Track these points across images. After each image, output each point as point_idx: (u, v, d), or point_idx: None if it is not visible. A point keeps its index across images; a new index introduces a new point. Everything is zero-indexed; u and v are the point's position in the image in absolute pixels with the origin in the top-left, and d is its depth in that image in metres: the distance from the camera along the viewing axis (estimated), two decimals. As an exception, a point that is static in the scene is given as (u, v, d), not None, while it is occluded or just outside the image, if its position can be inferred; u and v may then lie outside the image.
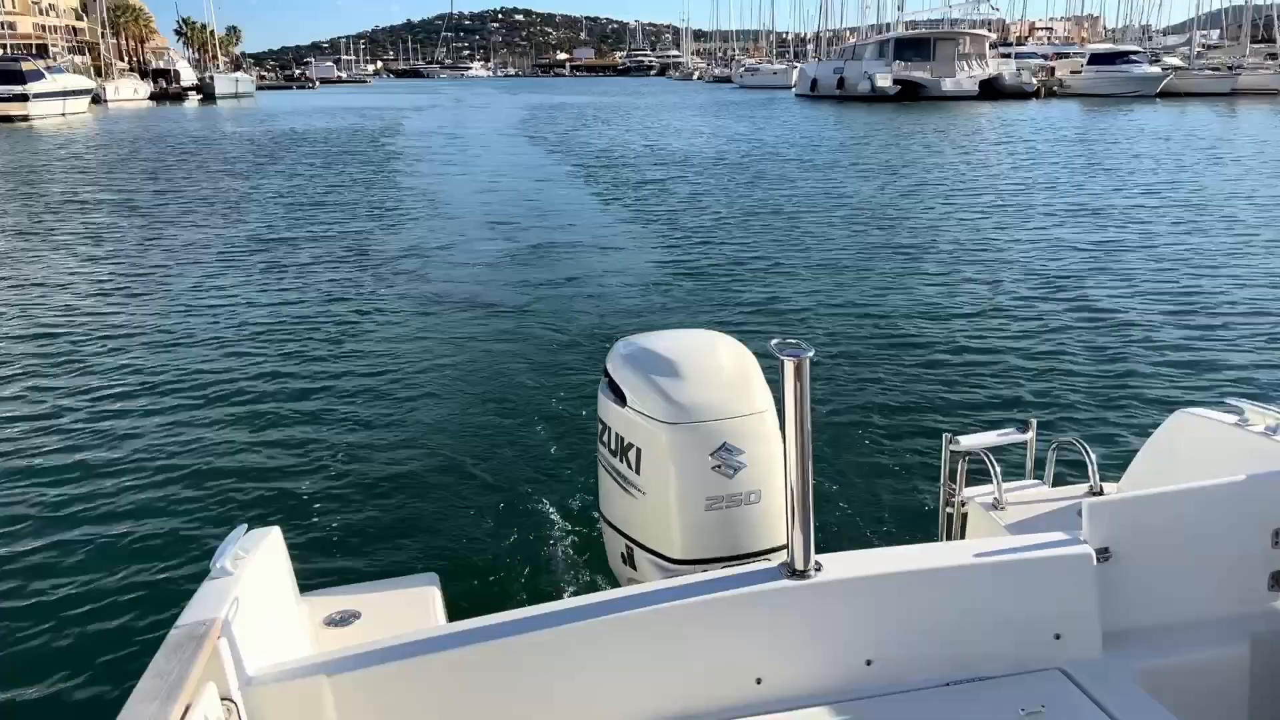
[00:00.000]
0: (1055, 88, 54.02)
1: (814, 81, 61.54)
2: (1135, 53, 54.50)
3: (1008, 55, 60.46)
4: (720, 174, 21.46)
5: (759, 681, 1.96)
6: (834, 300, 9.73)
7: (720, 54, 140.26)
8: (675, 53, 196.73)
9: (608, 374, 2.84)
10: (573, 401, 6.55)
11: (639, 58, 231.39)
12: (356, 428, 6.38)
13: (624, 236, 13.87)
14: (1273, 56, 54.00)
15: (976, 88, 51.11)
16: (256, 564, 1.95)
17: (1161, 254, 11.62)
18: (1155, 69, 50.74)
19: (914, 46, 54.16)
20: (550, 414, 6.47)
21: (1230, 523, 2.23)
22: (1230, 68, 51.81)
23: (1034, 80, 53.42)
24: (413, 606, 2.41)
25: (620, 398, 2.74)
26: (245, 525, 2.05)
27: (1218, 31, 67.84)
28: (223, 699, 1.67)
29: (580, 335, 8.47)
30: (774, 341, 1.88)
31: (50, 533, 4.94)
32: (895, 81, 51.24)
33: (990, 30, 63.62)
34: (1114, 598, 2.13)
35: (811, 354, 1.86)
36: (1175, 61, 55.50)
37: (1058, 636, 2.07)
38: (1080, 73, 53.41)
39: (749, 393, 2.66)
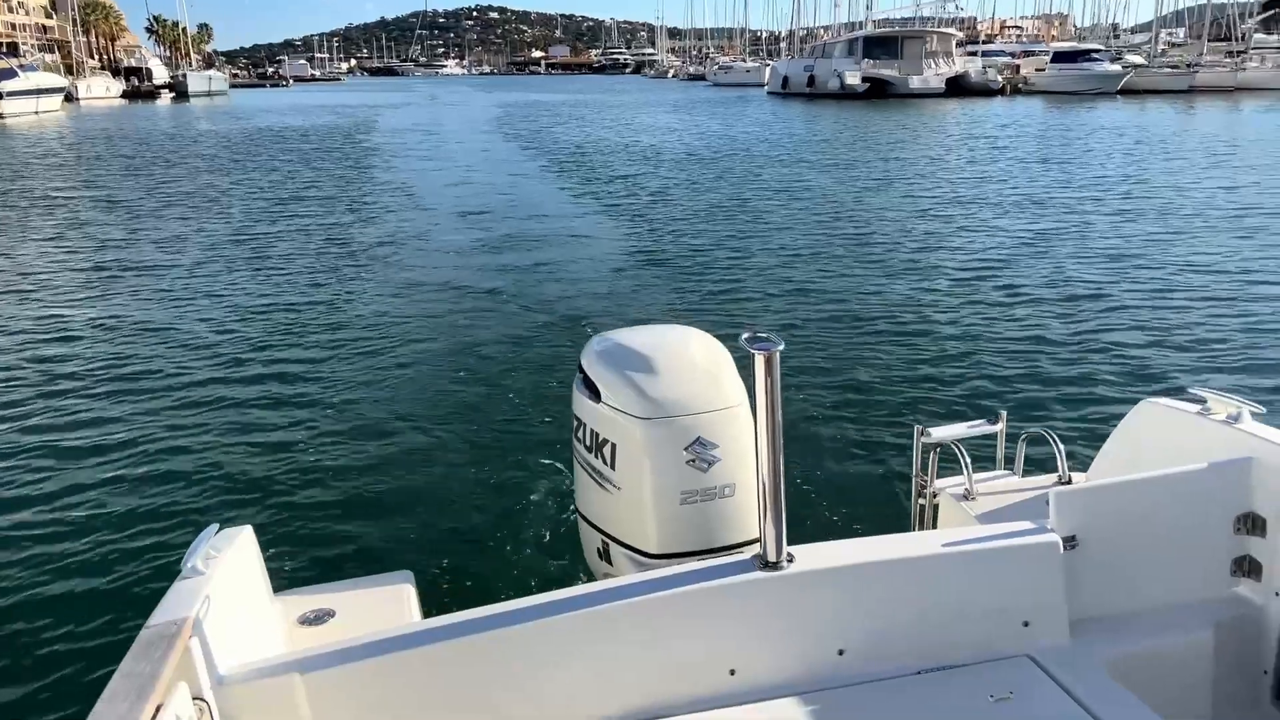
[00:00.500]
0: (1020, 85, 55.18)
1: (785, 79, 62.36)
2: (1097, 51, 55.73)
3: (974, 53, 61.60)
4: (692, 170, 21.84)
5: (733, 673, 1.98)
6: (805, 294, 9.85)
7: (695, 52, 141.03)
8: (650, 51, 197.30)
9: (582, 370, 2.85)
10: (547, 397, 6.57)
11: (614, 56, 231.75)
12: (330, 426, 6.34)
13: (597, 232, 14.01)
14: (1231, 54, 55.43)
15: (943, 85, 52.14)
16: (228, 563, 1.94)
17: (1123, 248, 11.83)
18: (1115, 67, 51.94)
19: (882, 45, 55.14)
20: (525, 410, 6.50)
21: (1193, 510, 2.27)
22: (1188, 66, 53.15)
23: (999, 78, 54.53)
24: (387, 604, 2.40)
25: (595, 393, 2.75)
26: (217, 525, 2.05)
27: (1183, 30, 69.26)
28: (195, 699, 1.68)
29: (555, 331, 8.49)
30: (745, 335, 1.91)
31: (18, 533, 4.88)
32: (864, 79, 52.16)
33: (959, 29, 64.75)
34: (1081, 586, 2.16)
35: (781, 347, 1.88)
36: (1137, 60, 56.79)
37: (1026, 624, 2.11)
38: (1044, 70, 54.58)
39: (722, 387, 2.68)
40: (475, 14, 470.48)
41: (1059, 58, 54.55)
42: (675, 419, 2.60)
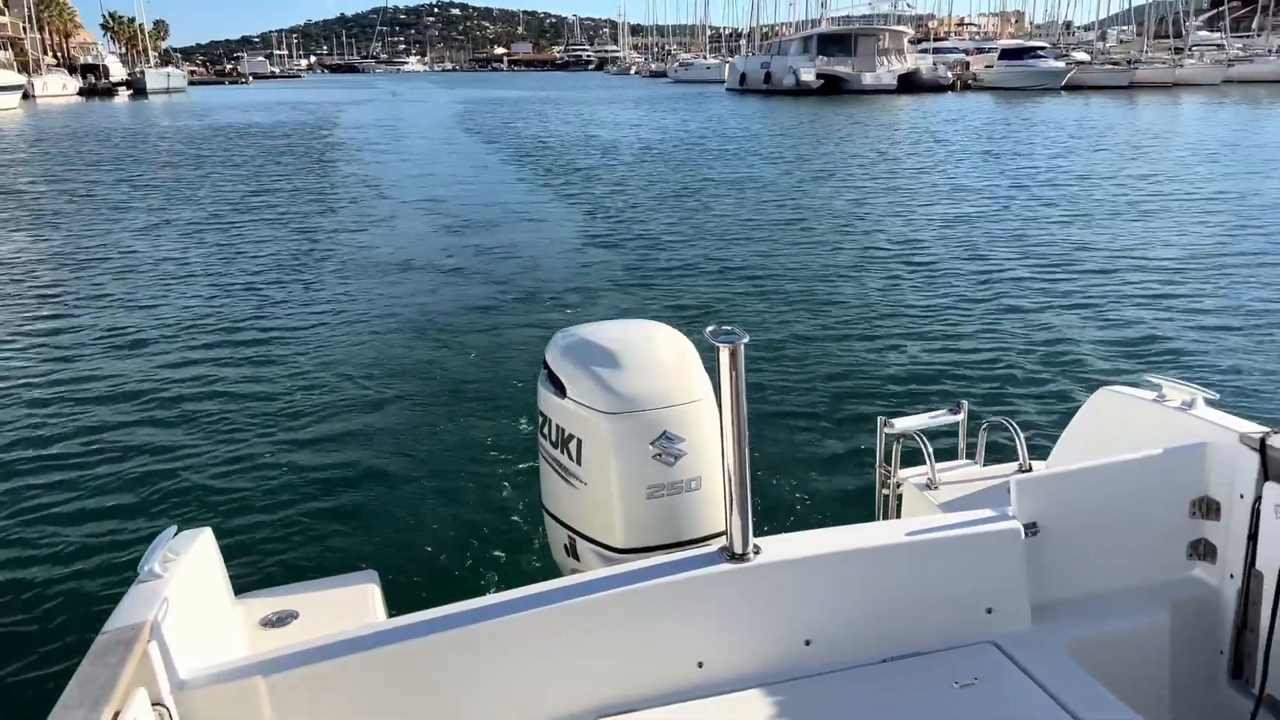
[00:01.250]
0: (970, 81, 56.86)
1: (743, 76, 63.56)
2: (1041, 48, 57.62)
3: (926, 50, 63.23)
4: (652, 164, 22.27)
5: (701, 665, 2.00)
6: (769, 287, 9.92)
7: (656, 49, 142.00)
8: (614, 47, 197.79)
9: (547, 365, 2.85)
10: (512, 394, 6.57)
11: (577, 52, 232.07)
12: (290, 425, 6.27)
13: (562, 227, 14.05)
14: (1176, 51, 57.57)
15: (895, 81, 53.62)
16: (187, 566, 1.91)
17: (1079, 241, 12.05)
18: (1059, 64, 53.76)
19: (836, 42, 56.53)
20: (490, 407, 6.47)
21: (1150, 495, 2.32)
22: (1129, 63, 55.13)
23: (950, 74, 56.13)
24: (352, 605, 2.39)
25: (560, 389, 2.75)
26: (175, 527, 2.02)
27: (1135, 27, 71.39)
28: (154, 704, 1.65)
29: (519, 327, 8.47)
30: (709, 329, 1.91)
31: (-34, 542, 4.79)
32: (818, 76, 53.49)
33: (914, 27, 66.29)
34: (1042, 571, 2.20)
35: (746, 340, 1.89)
36: (1081, 56, 58.74)
37: (989, 610, 2.14)
38: (993, 67, 56.29)
39: (688, 381, 2.69)
40: (436, 10, 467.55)
41: (1006, 55, 56.35)
42: (641, 413, 2.60)
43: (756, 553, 2.02)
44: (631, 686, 1.96)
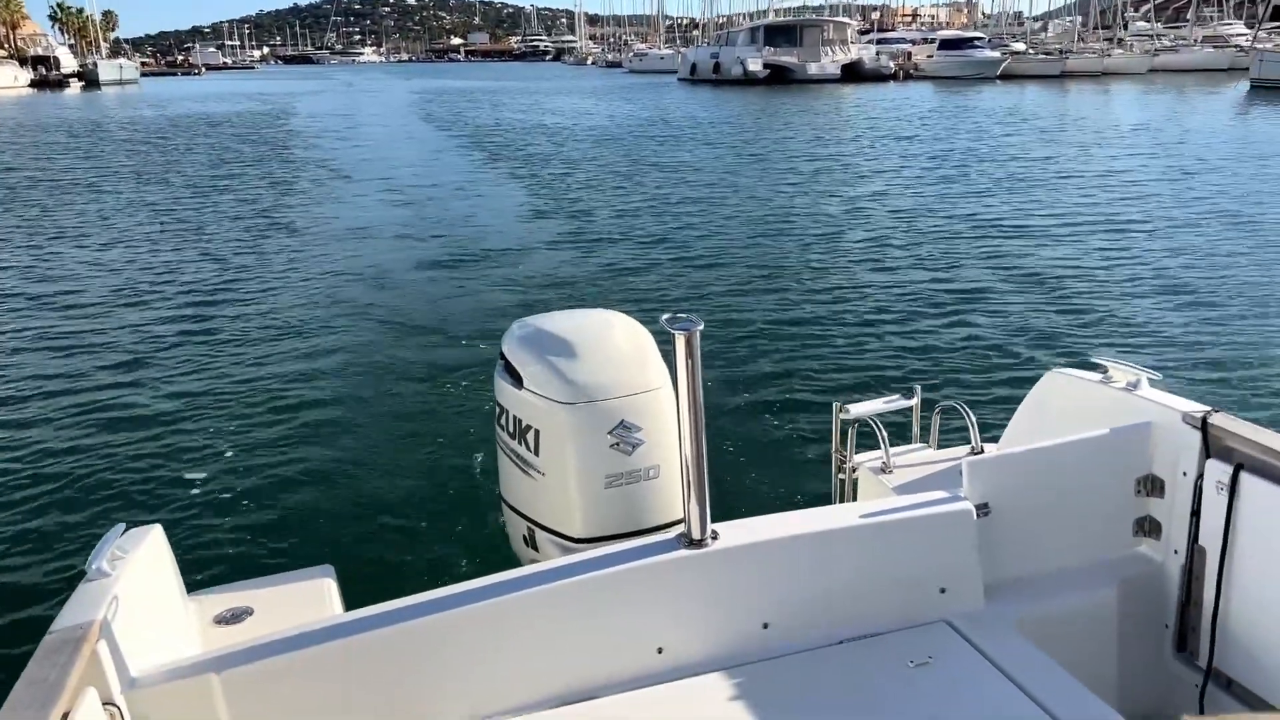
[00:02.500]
0: (912, 71, 58.88)
1: (693, 66, 64.95)
2: (978, 39, 59.87)
3: (873, 41, 65.21)
4: (603, 153, 22.72)
5: (660, 651, 2.01)
6: (722, 275, 10.05)
7: (612, 39, 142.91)
8: (571, 38, 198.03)
9: (504, 356, 2.84)
10: (469, 385, 6.52)
11: (534, 42, 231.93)
12: (242, 420, 6.17)
13: (515, 216, 14.16)
14: (1110, 41, 60.08)
15: (839, 71, 55.46)
16: (136, 564, 1.89)
17: (1023, 226, 12.34)
18: (995, 54, 55.95)
19: (783, 33, 58.26)
20: (446, 399, 6.44)
21: (1097, 474, 2.36)
22: (1061, 52, 57.54)
23: (892, 64, 58.10)
24: (308, 600, 2.37)
25: (517, 380, 2.74)
26: (123, 525, 1.99)
27: (1081, 18, 73.73)
28: (105, 703, 1.63)
29: (475, 317, 8.43)
30: (665, 316, 1.93)
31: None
32: (765, 66, 55.13)
33: (865, 17, 68.10)
34: (994, 551, 2.24)
35: (701, 327, 1.90)
36: (1019, 47, 61.06)
37: (943, 590, 2.18)
38: (933, 57, 58.38)
39: (645, 370, 2.69)
40: (392, 0, 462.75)
41: (945, 45, 58.48)
42: (598, 403, 2.59)
43: (714, 538, 2.04)
44: (593, 674, 1.98)
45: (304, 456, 5.62)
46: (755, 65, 55.18)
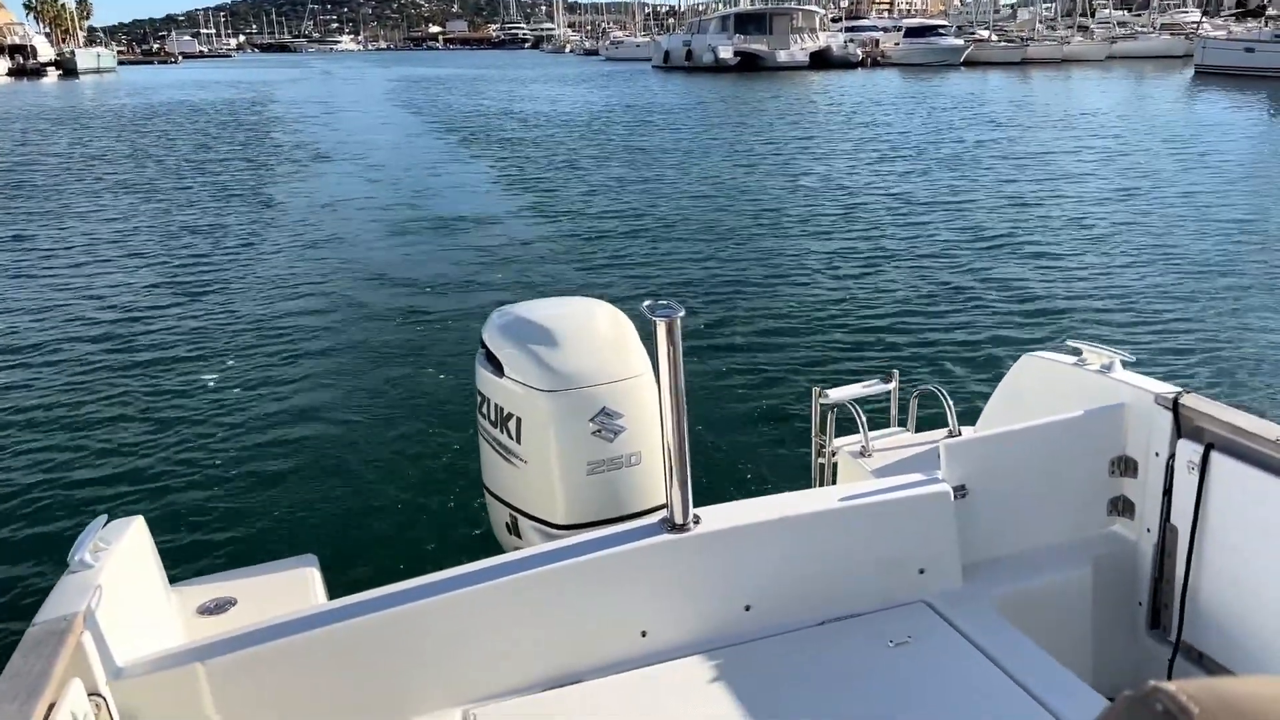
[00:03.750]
0: (879, 58, 60.39)
1: (666, 54, 66.19)
2: (942, 27, 61.59)
3: (843, 29, 66.63)
4: (575, 139, 22.99)
5: (644, 634, 2.06)
6: (701, 262, 10.15)
7: (589, 27, 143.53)
8: (550, 25, 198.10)
9: (485, 344, 2.85)
10: (449, 374, 6.55)
11: (513, 30, 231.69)
12: (223, 409, 6.17)
13: (494, 203, 14.24)
14: (1078, 28, 61.74)
15: (807, 58, 56.89)
16: (119, 555, 1.89)
17: (998, 210, 12.50)
18: (958, 41, 57.59)
19: (753, 21, 59.56)
20: (426, 387, 6.47)
21: (1072, 456, 2.42)
22: (1022, 40, 59.22)
23: (859, 52, 59.59)
24: (291, 589, 2.38)
25: (498, 368, 2.75)
26: (105, 516, 1.99)
27: (1054, 6, 74.87)
28: (90, 694, 1.64)
29: (454, 305, 8.47)
30: (646, 303, 1.97)
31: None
32: (735, 53, 56.45)
33: (835, 6, 69.25)
34: (971, 531, 2.31)
35: (682, 313, 1.95)
36: (984, 34, 62.68)
37: (922, 571, 2.24)
38: (899, 45, 59.92)
39: (625, 356, 2.72)
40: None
41: (910, 33, 60.12)
42: (580, 390, 2.62)
43: (696, 522, 2.07)
44: (577, 658, 2.00)
45: (285, 446, 5.63)
46: (726, 53, 56.51)
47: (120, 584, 1.86)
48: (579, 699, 1.95)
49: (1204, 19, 51.05)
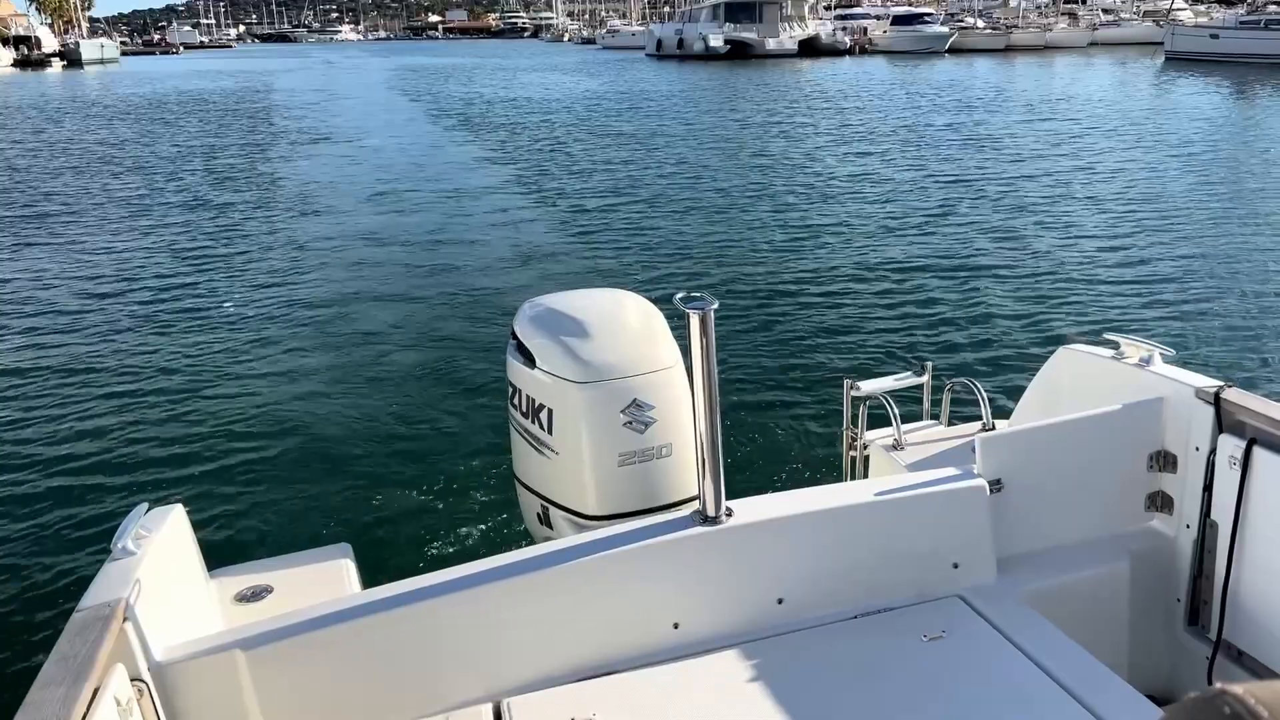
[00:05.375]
0: (867, 45, 61.69)
1: (659, 42, 67.35)
2: (929, 14, 62.83)
3: (838, 16, 67.86)
4: (587, 129, 23.20)
5: (676, 626, 2.07)
6: (730, 251, 10.15)
7: (586, 15, 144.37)
8: (549, 14, 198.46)
9: (515, 336, 2.87)
10: (481, 365, 6.60)
11: (512, 19, 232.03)
12: (259, 400, 6.28)
13: (516, 195, 14.27)
14: (1074, 16, 62.97)
15: (796, 46, 58.24)
16: (159, 543, 1.93)
17: (1034, 202, 12.23)
18: (944, 29, 58.89)
19: (743, 9, 60.73)
20: (458, 378, 6.55)
21: (1109, 449, 2.41)
22: (1007, 27, 60.51)
23: (848, 39, 60.90)
24: (326, 578, 2.42)
25: (529, 359, 2.78)
26: (146, 504, 2.03)
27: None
28: (133, 680, 1.67)
29: (485, 297, 8.54)
30: (678, 296, 2.00)
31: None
32: (726, 41, 57.75)
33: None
34: (1006, 525, 2.30)
35: (715, 306, 1.96)
36: (971, 21, 63.94)
37: (956, 565, 2.23)
38: (886, 33, 61.22)
39: (656, 348, 2.74)
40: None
41: (897, 20, 61.40)
42: (611, 382, 2.64)
43: (729, 515, 2.10)
44: (609, 649, 2.03)
45: (319, 436, 5.77)
46: (716, 41, 57.81)
47: (161, 571, 1.89)
48: (611, 690, 1.96)
49: (1181, 5, 52.24)
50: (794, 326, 7.69)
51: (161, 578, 1.88)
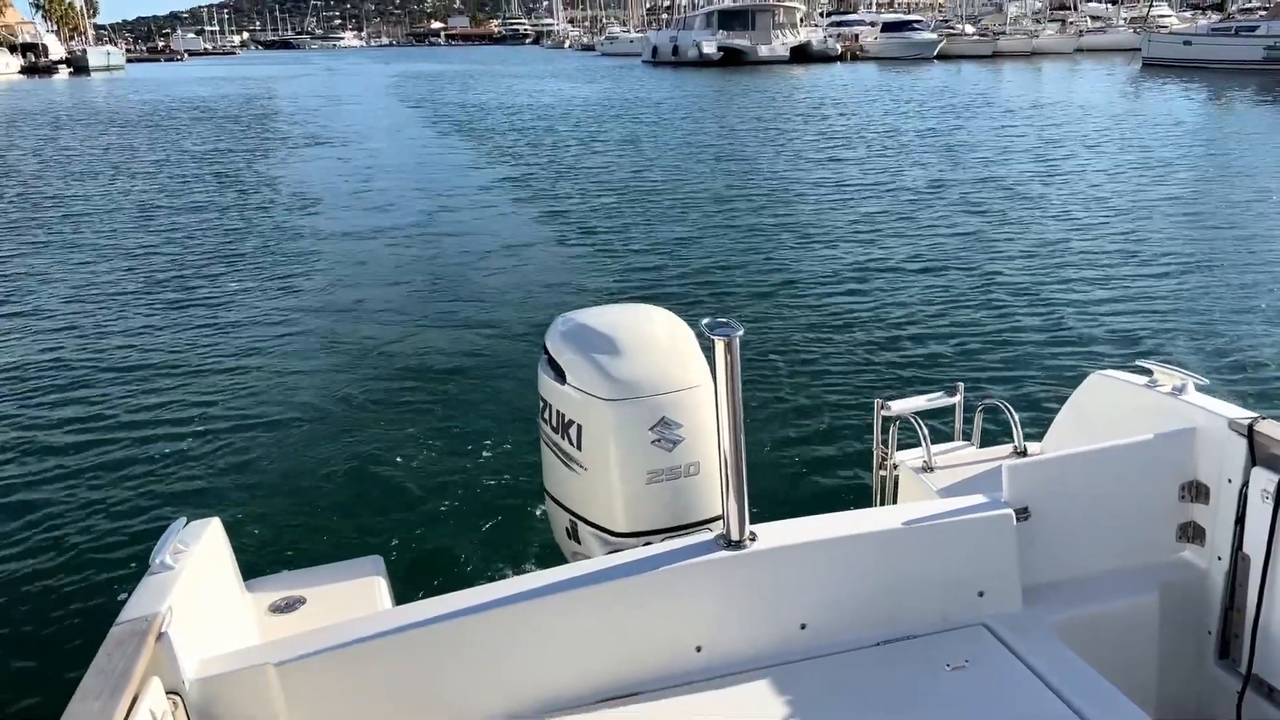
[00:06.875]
0: (857, 52, 62.92)
1: (654, 49, 68.79)
2: (918, 21, 64.18)
3: (834, 24, 69.18)
4: (589, 135, 23.45)
5: (699, 650, 2.06)
6: (758, 269, 10.05)
7: (587, 22, 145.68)
8: (551, 20, 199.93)
9: (547, 351, 2.90)
10: (512, 379, 6.64)
11: (514, 26, 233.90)
12: (293, 413, 6.36)
13: (530, 208, 14.29)
14: (1067, 22, 64.21)
15: (788, 53, 59.45)
16: (197, 556, 1.96)
17: (1071, 222, 12.02)
18: (932, 35, 60.15)
19: (735, 17, 62.02)
20: (490, 392, 6.61)
21: (1140, 479, 2.37)
22: (994, 34, 61.77)
23: (839, 46, 62.14)
24: (358, 590, 2.44)
25: (560, 374, 2.80)
26: (184, 518, 2.06)
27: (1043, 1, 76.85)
28: (169, 693, 1.70)
29: (518, 311, 8.57)
30: (705, 321, 1.99)
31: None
32: (719, 48, 59.00)
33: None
34: (1033, 554, 2.26)
35: (741, 332, 1.96)
36: (962, 28, 65.15)
37: (981, 594, 2.20)
38: (876, 39, 62.48)
39: (686, 366, 2.75)
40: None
41: (887, 27, 62.72)
42: (640, 399, 2.66)
43: (753, 539, 2.09)
44: (632, 671, 2.02)
45: (352, 449, 5.82)
46: (710, 48, 59.06)
47: (198, 584, 1.92)
48: (634, 713, 1.98)
49: (1166, 12, 53.34)
50: (825, 344, 7.63)
51: (198, 591, 1.92)
